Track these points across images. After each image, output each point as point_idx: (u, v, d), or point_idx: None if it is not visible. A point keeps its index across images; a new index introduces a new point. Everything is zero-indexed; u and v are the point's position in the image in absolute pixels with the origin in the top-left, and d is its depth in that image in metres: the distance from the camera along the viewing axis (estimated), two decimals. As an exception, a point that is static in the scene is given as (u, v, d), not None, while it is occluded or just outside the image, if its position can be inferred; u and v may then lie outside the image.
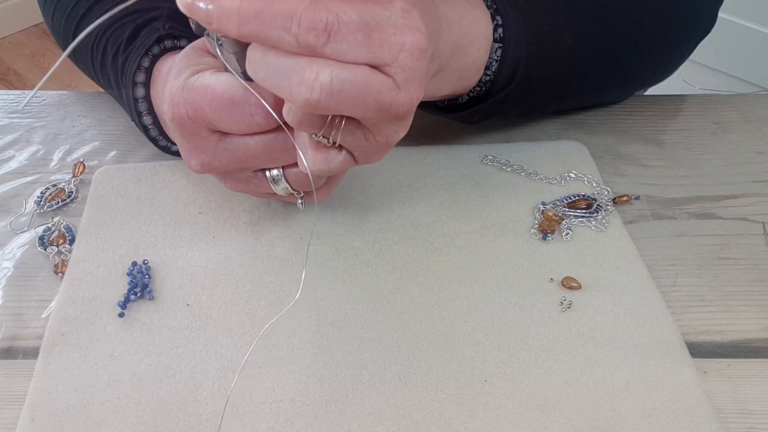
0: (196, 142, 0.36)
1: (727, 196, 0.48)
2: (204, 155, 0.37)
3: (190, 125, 0.35)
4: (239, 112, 0.34)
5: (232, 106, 0.34)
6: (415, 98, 0.31)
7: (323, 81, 0.28)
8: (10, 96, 0.56)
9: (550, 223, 0.44)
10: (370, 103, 0.30)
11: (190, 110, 0.34)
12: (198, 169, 0.38)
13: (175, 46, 0.44)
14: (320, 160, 0.34)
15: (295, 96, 0.29)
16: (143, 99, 0.44)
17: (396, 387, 0.36)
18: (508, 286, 0.41)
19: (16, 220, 0.46)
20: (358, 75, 0.29)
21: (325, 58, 0.28)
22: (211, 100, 0.34)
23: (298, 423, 0.34)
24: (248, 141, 0.36)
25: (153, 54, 0.43)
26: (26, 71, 1.93)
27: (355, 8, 0.28)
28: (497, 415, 0.35)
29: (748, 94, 0.58)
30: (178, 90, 0.35)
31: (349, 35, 0.28)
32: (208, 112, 0.34)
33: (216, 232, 0.44)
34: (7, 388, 0.36)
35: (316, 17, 0.27)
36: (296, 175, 0.38)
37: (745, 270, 0.43)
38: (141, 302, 0.40)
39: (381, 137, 0.33)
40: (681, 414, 0.35)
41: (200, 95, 0.34)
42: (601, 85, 0.51)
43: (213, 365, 0.37)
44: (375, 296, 0.40)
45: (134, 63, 0.43)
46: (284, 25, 0.27)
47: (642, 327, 0.39)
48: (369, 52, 0.28)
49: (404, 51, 0.29)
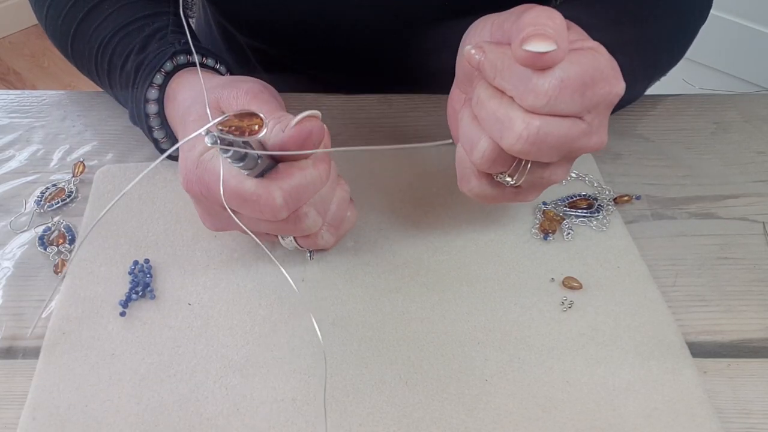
0: (210, 211, 0.38)
1: (727, 196, 0.48)
2: (218, 222, 0.38)
3: (203, 200, 0.37)
4: (249, 207, 0.35)
5: (242, 201, 0.34)
6: (604, 141, 0.34)
7: (531, 132, 0.31)
8: (10, 96, 0.56)
9: (551, 223, 0.44)
10: (564, 149, 0.32)
11: (204, 190, 0.35)
12: (213, 230, 0.40)
13: (188, 62, 0.44)
14: (493, 194, 0.37)
15: (503, 141, 0.32)
16: (155, 115, 0.44)
17: (397, 386, 0.36)
18: (509, 285, 0.41)
19: (16, 219, 0.46)
20: (562, 126, 0.31)
21: (539, 114, 0.31)
22: (224, 189, 0.34)
23: (299, 422, 0.34)
24: (257, 222, 0.36)
25: (166, 71, 0.43)
26: (26, 71, 1.93)
27: (577, 65, 0.30)
28: (498, 415, 0.35)
29: (748, 93, 0.58)
30: (192, 166, 0.35)
31: (566, 97, 0.30)
32: (220, 197, 0.35)
33: (217, 231, 0.44)
34: (7, 387, 0.36)
35: (542, 84, 0.30)
36: (304, 240, 0.39)
37: (745, 270, 0.43)
38: (142, 301, 0.40)
39: (554, 177, 0.36)
40: (682, 414, 0.35)
41: (213, 180, 0.34)
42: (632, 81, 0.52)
43: (214, 364, 0.37)
44: (376, 296, 0.40)
45: (146, 79, 0.43)
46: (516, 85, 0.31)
47: (643, 327, 0.39)
48: (581, 106, 0.31)
49: (607, 100, 0.32)
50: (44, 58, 1.95)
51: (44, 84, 1.87)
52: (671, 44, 0.51)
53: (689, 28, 0.52)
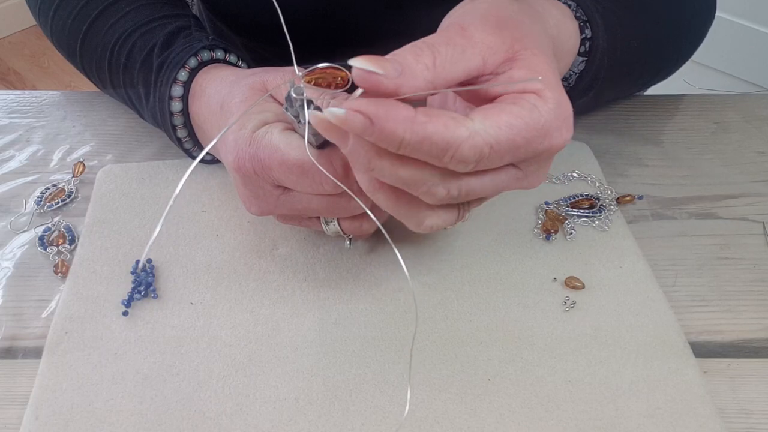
0: (258, 192, 0.37)
1: (727, 196, 0.48)
2: (265, 204, 0.37)
3: (254, 178, 0.35)
4: (308, 179, 0.34)
5: (302, 172, 0.33)
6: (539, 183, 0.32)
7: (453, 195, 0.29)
8: (10, 96, 0.56)
9: (554, 223, 0.44)
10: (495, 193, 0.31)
11: (257, 166, 0.34)
12: (257, 214, 0.38)
13: (212, 58, 0.43)
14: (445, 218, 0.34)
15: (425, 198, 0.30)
16: (180, 113, 0.43)
17: (399, 386, 0.36)
18: (512, 285, 0.41)
19: (16, 220, 0.45)
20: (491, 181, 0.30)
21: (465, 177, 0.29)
22: (281, 162, 0.34)
23: (302, 421, 0.34)
24: (312, 199, 0.36)
25: (190, 68, 0.43)
26: (26, 71, 1.92)
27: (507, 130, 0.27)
28: (500, 415, 0.35)
29: (748, 94, 0.58)
30: (244, 143, 0.35)
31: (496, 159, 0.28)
32: (276, 172, 0.34)
33: (219, 230, 0.44)
34: (7, 387, 0.36)
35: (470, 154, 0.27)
36: (349, 223, 0.38)
37: (746, 270, 0.43)
38: (145, 301, 0.40)
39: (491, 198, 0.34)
40: (684, 414, 0.35)
41: (269, 155, 0.34)
42: (652, 76, 0.52)
43: (217, 364, 0.37)
44: (378, 295, 0.40)
45: (170, 75, 0.43)
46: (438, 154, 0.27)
47: (645, 327, 0.39)
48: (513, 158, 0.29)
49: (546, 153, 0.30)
50: (44, 58, 1.95)
51: (44, 84, 1.87)
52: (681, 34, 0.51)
53: (696, 25, 0.53)
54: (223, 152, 0.37)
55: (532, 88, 0.29)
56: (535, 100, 0.28)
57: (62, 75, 1.89)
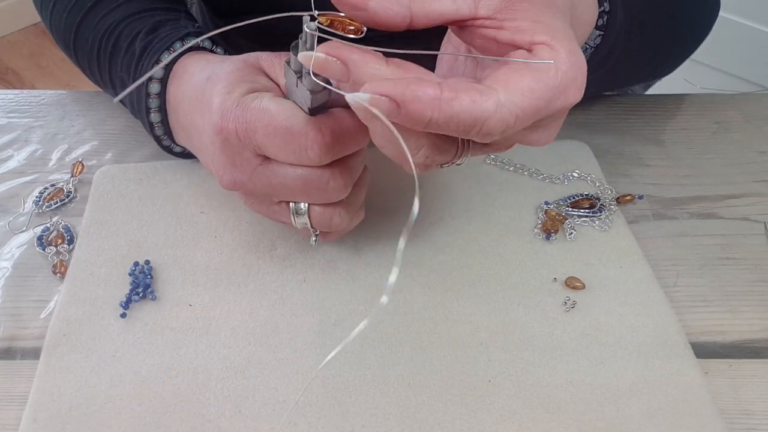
0: (235, 159, 0.36)
1: (728, 196, 0.48)
2: (239, 174, 0.36)
3: (235, 143, 0.35)
4: (294, 143, 0.33)
5: (289, 135, 0.33)
6: (550, 141, 0.31)
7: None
8: (8, 95, 0.56)
9: (554, 223, 0.44)
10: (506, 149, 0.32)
11: (241, 128, 0.34)
12: (228, 185, 0.37)
13: (198, 46, 0.42)
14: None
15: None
16: (156, 96, 0.42)
17: (399, 387, 0.36)
18: (512, 286, 0.41)
19: (14, 220, 0.45)
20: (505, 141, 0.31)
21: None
22: (268, 124, 0.33)
23: (302, 423, 0.34)
24: (289, 171, 0.35)
25: (175, 51, 0.41)
26: (25, 71, 1.92)
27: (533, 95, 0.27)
28: (501, 416, 0.35)
29: (750, 93, 0.58)
30: (231, 105, 0.34)
31: (519, 126, 0.27)
32: (261, 135, 0.33)
33: (218, 231, 0.44)
34: (6, 388, 0.36)
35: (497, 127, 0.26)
36: (320, 213, 0.37)
37: (747, 270, 0.43)
38: (143, 302, 0.40)
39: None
40: (685, 414, 0.35)
41: (256, 116, 0.33)
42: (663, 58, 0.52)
43: (216, 365, 0.37)
44: (378, 296, 0.40)
45: (153, 57, 0.42)
46: (465, 129, 0.27)
47: (646, 327, 0.39)
48: (534, 121, 0.28)
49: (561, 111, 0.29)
50: (43, 58, 1.95)
51: (43, 84, 1.86)
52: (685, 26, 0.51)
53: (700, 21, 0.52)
54: (207, 117, 0.36)
55: (540, 39, 0.27)
56: (548, 53, 0.27)
57: (61, 74, 1.89)
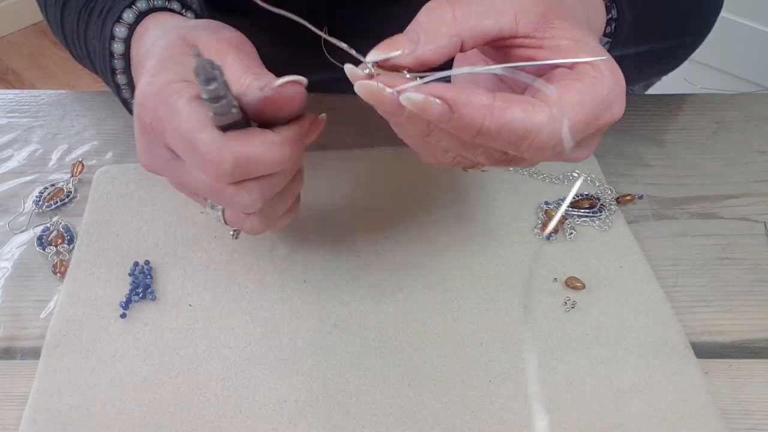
0: (151, 147, 0.34)
1: (728, 196, 0.48)
2: (154, 164, 0.35)
3: (150, 133, 0.33)
4: (194, 158, 0.31)
5: (191, 149, 0.31)
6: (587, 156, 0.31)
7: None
8: (8, 95, 0.56)
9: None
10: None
11: (155, 122, 0.32)
12: (147, 168, 0.36)
13: (164, 6, 0.40)
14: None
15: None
16: (121, 56, 0.39)
17: (400, 388, 0.36)
18: (512, 286, 0.41)
19: (14, 219, 0.45)
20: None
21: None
22: (176, 128, 0.31)
23: (302, 424, 0.34)
24: (198, 176, 0.33)
25: (139, 10, 0.39)
26: (24, 70, 1.92)
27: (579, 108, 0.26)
28: (502, 416, 0.35)
29: (750, 93, 0.58)
30: (152, 92, 0.32)
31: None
32: (168, 136, 0.32)
33: (217, 232, 0.44)
34: (6, 388, 0.36)
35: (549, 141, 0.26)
36: (232, 216, 0.36)
37: (747, 270, 0.43)
38: (143, 303, 0.40)
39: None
40: (686, 414, 0.35)
41: (168, 115, 0.31)
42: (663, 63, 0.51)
43: (216, 366, 0.37)
44: (378, 297, 0.40)
45: (114, 15, 0.39)
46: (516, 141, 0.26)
47: (646, 327, 0.39)
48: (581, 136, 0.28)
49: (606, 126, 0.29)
50: (43, 58, 1.95)
51: (43, 83, 1.86)
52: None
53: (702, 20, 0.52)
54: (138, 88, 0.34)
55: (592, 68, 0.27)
56: (593, 71, 0.27)
57: (61, 74, 1.89)
